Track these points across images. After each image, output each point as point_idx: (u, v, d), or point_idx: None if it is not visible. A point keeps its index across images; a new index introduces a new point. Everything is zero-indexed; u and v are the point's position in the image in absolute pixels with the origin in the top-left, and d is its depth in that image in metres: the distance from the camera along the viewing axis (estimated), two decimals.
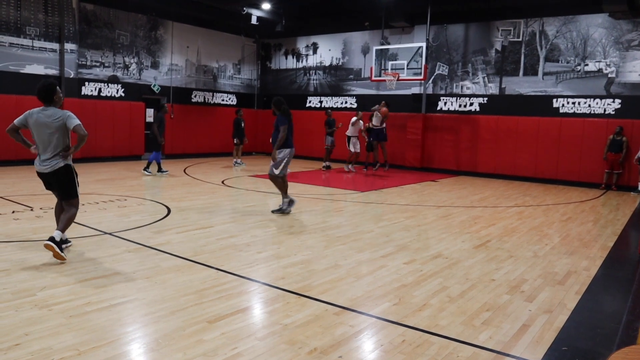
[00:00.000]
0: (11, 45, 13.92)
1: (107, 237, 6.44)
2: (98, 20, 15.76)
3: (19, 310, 4.03)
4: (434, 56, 16.60)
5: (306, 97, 19.91)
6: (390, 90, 16.55)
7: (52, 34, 14.73)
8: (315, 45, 19.74)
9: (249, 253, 5.98)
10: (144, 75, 17.09)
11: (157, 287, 4.66)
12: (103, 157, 15.70)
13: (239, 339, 3.68)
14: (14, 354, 3.33)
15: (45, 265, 5.19)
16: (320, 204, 9.65)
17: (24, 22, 14.13)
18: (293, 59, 20.38)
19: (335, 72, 19.17)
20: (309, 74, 19.95)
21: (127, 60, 16.58)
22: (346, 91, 18.89)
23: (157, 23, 17.34)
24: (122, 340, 3.66)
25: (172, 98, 17.89)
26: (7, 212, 7.73)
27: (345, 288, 4.85)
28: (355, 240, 6.83)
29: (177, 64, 18.07)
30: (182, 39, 18.12)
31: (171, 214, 8.08)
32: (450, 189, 12.54)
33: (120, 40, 16.35)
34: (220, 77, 19.76)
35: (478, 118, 15.78)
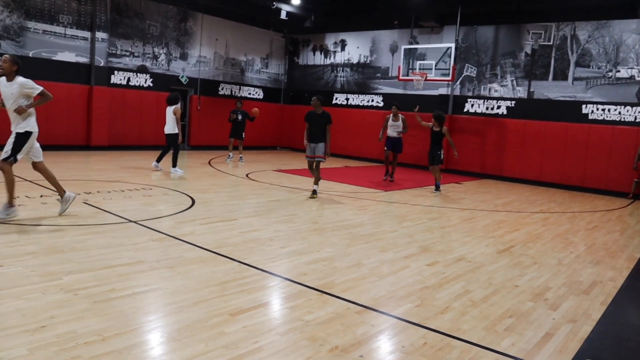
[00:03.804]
0: (44, 32, 14.17)
1: (132, 225, 6.52)
2: (129, 10, 15.94)
3: (46, 293, 4.10)
4: (462, 57, 16.43)
5: (333, 94, 19.88)
6: (417, 90, 16.44)
7: (84, 23, 14.94)
8: (344, 42, 19.69)
9: (272, 248, 5.99)
10: (172, 66, 17.25)
11: (180, 278, 4.70)
12: (130, 146, 15.89)
13: (260, 333, 3.69)
14: (40, 335, 3.39)
15: (72, 250, 5.27)
16: (344, 201, 9.64)
17: (58, 10, 14.36)
18: (321, 55, 20.36)
19: (363, 70, 19.10)
20: (336, 70, 19.92)
21: (156, 51, 16.74)
22: (373, 89, 18.81)
23: (187, 15, 17.47)
24: (145, 328, 3.70)
25: (200, 90, 18.02)
26: (35, 196, 7.88)
27: (367, 287, 4.83)
28: (378, 239, 6.80)
29: (205, 56, 18.20)
30: (211, 32, 18.23)
31: (195, 205, 8.15)
32: (475, 192, 12.41)
33: (150, 31, 16.51)
34: (247, 71, 19.84)
35: (505, 121, 15.58)
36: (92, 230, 6.18)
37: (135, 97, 16.06)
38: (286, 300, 4.37)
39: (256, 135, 19.74)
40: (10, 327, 3.48)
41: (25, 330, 3.45)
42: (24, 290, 4.12)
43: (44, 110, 14.06)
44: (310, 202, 9.17)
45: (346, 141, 19.02)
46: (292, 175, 12.69)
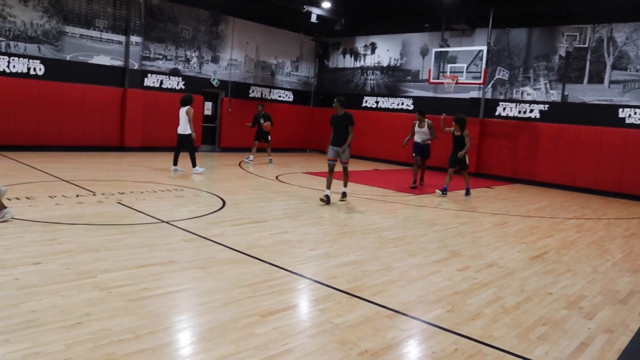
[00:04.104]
0: (81, 36, 14.51)
1: (164, 226, 6.62)
2: (163, 14, 16.21)
3: (81, 291, 4.19)
4: (494, 60, 16.22)
5: (362, 97, 19.85)
6: (448, 93, 16.30)
7: (119, 27, 15.25)
8: (374, 45, 19.65)
9: (301, 250, 6.01)
10: (204, 69, 17.47)
11: (211, 278, 4.75)
12: (162, 147, 16.13)
13: (290, 334, 3.70)
14: (76, 332, 3.47)
15: (106, 249, 5.38)
16: (373, 204, 9.60)
17: (94, 14, 14.70)
18: (351, 58, 20.35)
19: (393, 73, 19.03)
20: (366, 73, 19.88)
21: (188, 54, 16.98)
22: (403, 92, 18.71)
23: (219, 18, 17.68)
24: (177, 327, 3.76)
25: (230, 92, 18.21)
26: (71, 196, 8.06)
27: (397, 291, 4.81)
28: (408, 243, 6.76)
29: (236, 59, 18.38)
30: (242, 35, 18.41)
31: (226, 206, 8.23)
32: (506, 197, 12.23)
33: (182, 34, 16.76)
34: (278, 74, 19.96)
35: (538, 125, 15.31)
36: (126, 229, 6.30)
37: (168, 99, 16.30)
38: (316, 303, 4.38)
39: (286, 137, 19.84)
40: (48, 322, 3.57)
41: (62, 326, 3.53)
42: (61, 288, 4.22)
43: (79, 112, 14.43)
44: (339, 205, 9.17)
45: (375, 144, 18.97)
46: (321, 178, 12.69)
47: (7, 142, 13.28)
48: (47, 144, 13.95)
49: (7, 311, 3.70)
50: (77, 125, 14.47)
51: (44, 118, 13.87)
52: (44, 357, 3.11)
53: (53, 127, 14.02)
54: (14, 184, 8.73)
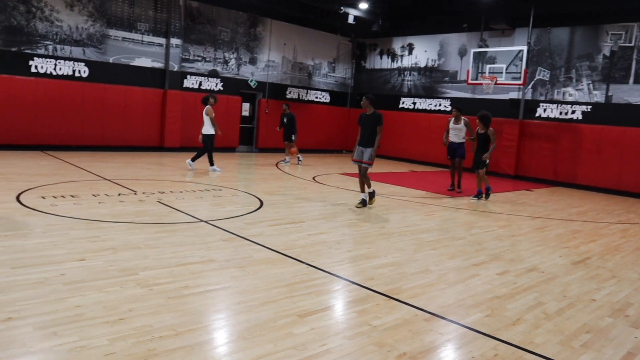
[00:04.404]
0: (123, 39, 14.87)
1: (203, 225, 6.72)
2: (202, 16, 16.47)
3: (124, 287, 4.30)
4: (534, 60, 15.88)
5: (399, 98, 19.73)
6: (487, 94, 16.04)
7: (160, 30, 15.57)
8: (411, 46, 19.51)
9: (339, 251, 6.02)
10: (242, 70, 17.67)
11: (249, 277, 4.80)
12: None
13: (327, 335, 3.71)
14: (119, 327, 3.56)
15: (147, 247, 5.50)
16: (411, 206, 9.53)
17: (136, 18, 15.05)
18: (388, 59, 20.26)
19: (430, 74, 18.85)
20: (403, 74, 19.76)
21: (226, 56, 17.21)
22: (441, 93, 18.52)
23: (257, 20, 17.85)
24: (216, 325, 3.81)
25: (268, 94, 18.36)
26: (114, 195, 8.26)
27: (435, 294, 4.76)
28: (446, 246, 6.68)
29: (273, 60, 18.52)
30: (279, 36, 18.54)
31: (263, 206, 8.30)
32: (547, 200, 11.95)
33: (221, 36, 16.99)
34: (315, 75, 20.02)
35: (580, 127, 14.91)
36: (166, 228, 6.43)
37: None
38: (353, 304, 4.37)
39: (323, 138, 19.89)
40: (92, 317, 3.67)
41: (105, 321, 3.63)
42: (104, 284, 4.33)
43: (121, 113, 14.79)
44: (376, 207, 9.12)
45: (413, 145, 18.83)
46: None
47: (53, 142, 13.72)
48: (90, 144, 14.35)
49: (54, 305, 3.83)
50: (119, 125, 14.84)
51: (87, 119, 14.26)
52: (88, 351, 3.20)
53: (96, 127, 14.41)
54: (59, 182, 9.01)
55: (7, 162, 10.99)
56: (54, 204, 7.27)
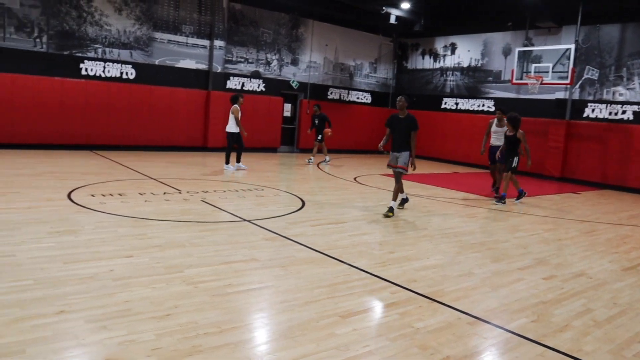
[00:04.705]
0: (169, 42, 15.22)
1: (246, 224, 6.81)
2: (245, 18, 16.68)
3: (170, 284, 4.40)
4: (582, 59, 15.42)
5: (441, 99, 19.51)
6: (532, 94, 15.68)
7: (204, 32, 15.85)
8: (454, 46, 19.25)
9: (381, 252, 6.00)
10: (284, 71, 17.81)
11: (291, 277, 4.84)
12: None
13: (370, 337, 3.70)
14: (165, 322, 3.65)
15: (192, 245, 5.61)
16: (453, 208, 9.41)
17: (181, 21, 15.37)
18: (430, 59, 20.05)
19: (474, 74, 18.55)
20: (445, 74, 19.52)
21: (269, 57, 17.38)
22: (484, 94, 18.21)
23: (299, 22, 17.96)
24: (259, 324, 3.86)
25: (309, 94, 18.45)
26: (159, 193, 8.46)
27: (479, 298, 4.69)
28: (489, 249, 6.57)
29: (315, 61, 18.60)
30: (321, 37, 18.60)
31: (305, 206, 8.35)
32: (595, 203, 11.60)
33: (263, 38, 17.17)
34: (356, 75, 20.00)
35: (631, 128, 14.39)
36: (210, 227, 6.54)
37: (249, 101, 16.72)
38: (396, 306, 4.34)
39: (364, 139, 19.83)
40: (140, 312, 3.77)
41: (152, 317, 3.72)
42: (151, 280, 4.45)
43: (166, 113, 15.13)
44: (418, 208, 9.05)
45: (455, 146, 18.59)
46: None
47: (102, 142, 14.16)
48: (137, 143, 14.73)
49: (104, 300, 3.95)
50: (164, 126, 15.18)
51: (134, 119, 14.65)
52: (136, 345, 3.29)
53: (142, 127, 14.78)
54: (108, 181, 9.29)
55: (59, 161, 11.41)
56: (103, 202, 7.49)
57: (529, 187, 13.49)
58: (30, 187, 8.25)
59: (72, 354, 3.16)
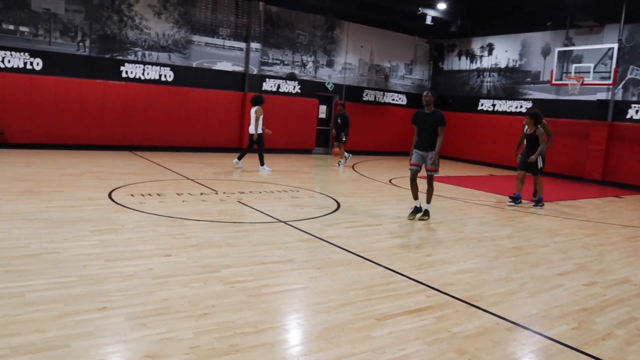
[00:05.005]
0: (206, 44, 15.46)
1: (281, 225, 6.85)
2: (280, 21, 16.81)
3: (207, 284, 4.46)
4: (626, 58, 14.98)
5: (478, 100, 19.24)
6: (572, 95, 15.31)
7: (240, 34, 16.04)
8: (491, 46, 18.96)
9: (417, 255, 5.95)
10: (319, 73, 17.87)
11: (327, 278, 4.84)
12: (278, 149, 16.72)
13: (406, 340, 3.67)
14: (203, 321, 3.70)
15: (228, 245, 5.68)
16: (490, 211, 9.27)
17: (218, 24, 15.59)
18: (466, 60, 19.80)
19: (511, 75, 18.24)
20: (482, 75, 19.24)
21: (304, 59, 17.47)
22: (522, 95, 17.87)
23: (334, 23, 17.99)
24: (295, 324, 3.87)
25: (345, 96, 18.46)
26: (196, 194, 8.59)
27: (517, 303, 4.60)
28: (528, 253, 6.44)
29: (350, 63, 18.60)
30: (356, 39, 18.59)
31: (340, 208, 8.35)
32: (638, 207, 11.24)
33: (299, 40, 17.27)
34: (391, 77, 19.92)
35: None
36: (246, 227, 6.61)
37: (284, 103, 16.87)
38: (432, 310, 4.30)
39: (399, 141, 19.71)
40: (178, 311, 3.84)
41: (190, 315, 3.78)
42: (189, 279, 4.52)
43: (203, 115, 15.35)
44: (455, 211, 8.94)
45: (492, 149, 18.30)
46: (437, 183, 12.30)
47: (141, 143, 14.48)
48: (174, 144, 15.00)
49: (143, 297, 4.03)
50: (201, 127, 15.42)
51: (172, 121, 14.93)
52: (175, 343, 3.35)
53: (180, 129, 15.05)
54: (146, 181, 9.49)
55: (100, 162, 11.71)
56: (142, 201, 7.65)
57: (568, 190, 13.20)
58: (73, 187, 8.49)
59: (114, 350, 3.24)
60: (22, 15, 12.77)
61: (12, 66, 12.77)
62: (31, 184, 8.43)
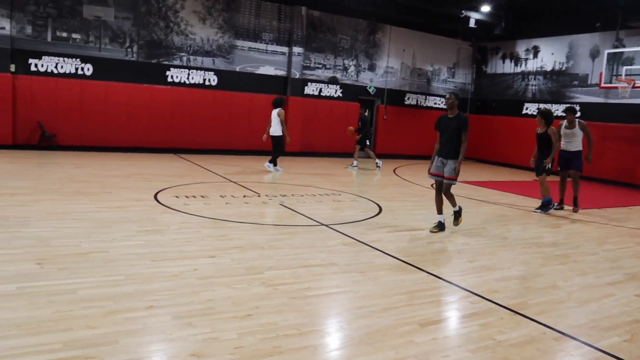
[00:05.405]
0: (250, 49, 15.68)
1: (323, 229, 6.88)
2: (322, 25, 16.89)
3: (250, 285, 4.51)
4: None
5: (522, 104, 18.83)
6: (622, 98, 14.81)
7: (283, 39, 16.20)
8: (537, 49, 18.54)
9: (460, 261, 5.87)
10: (361, 76, 17.86)
11: (370, 283, 4.83)
12: (319, 153, 16.80)
13: (450, 347, 3.63)
14: (246, 322, 3.75)
15: (271, 248, 5.74)
16: (534, 217, 9.06)
17: (261, 29, 15.79)
18: (511, 63, 19.42)
19: (557, 78, 17.78)
20: (527, 79, 18.83)
21: (346, 63, 17.49)
22: (569, 98, 17.39)
23: (376, 27, 17.96)
24: (338, 328, 3.88)
25: (386, 100, 18.39)
26: (239, 196, 8.71)
27: (565, 312, 4.48)
28: (575, 261, 6.26)
29: (392, 66, 18.52)
30: (398, 43, 18.49)
31: (382, 212, 8.32)
32: None
33: (341, 44, 17.31)
34: (433, 80, 19.72)
35: None
36: (288, 230, 6.66)
37: (326, 106, 16.94)
38: (476, 317, 4.24)
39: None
40: (222, 312, 3.90)
41: (234, 316, 3.84)
42: (233, 280, 4.59)
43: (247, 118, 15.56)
44: (497, 217, 8.78)
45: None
46: (479, 188, 12.28)
47: (185, 146, 14.79)
48: (218, 147, 15.26)
49: (189, 297, 4.12)
50: (244, 130, 15.64)
51: (216, 124, 15.20)
52: (220, 343, 3.40)
53: (223, 132, 15.31)
54: (190, 183, 9.68)
55: (146, 164, 12.02)
56: (187, 203, 7.81)
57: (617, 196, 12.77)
58: (121, 188, 8.74)
59: (161, 348, 3.33)
60: (74, 23, 13.25)
61: (65, 72, 13.26)
62: (81, 185, 8.72)
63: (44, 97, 13.06)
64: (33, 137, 13.09)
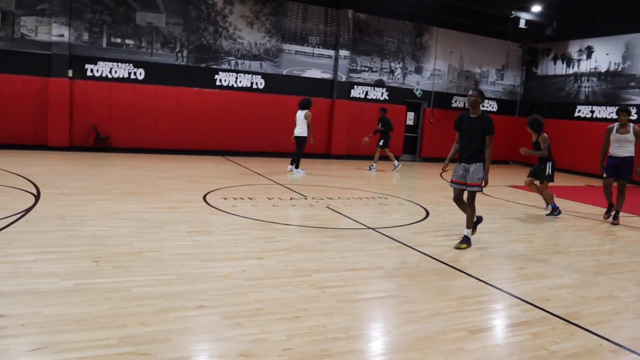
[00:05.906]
0: (296, 52, 15.82)
1: (370, 232, 6.86)
2: (369, 28, 16.86)
3: (298, 287, 4.54)
4: None
5: (575, 106, 18.26)
6: None
7: (329, 42, 16.26)
8: (590, 49, 17.95)
9: (510, 267, 5.74)
10: (407, 79, 17.73)
11: (417, 288, 4.79)
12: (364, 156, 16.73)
13: (501, 356, 3.55)
14: (295, 324, 3.77)
15: (318, 250, 5.75)
16: (588, 224, 8.76)
17: (308, 32, 15.90)
18: (562, 65, 18.87)
19: (612, 79, 17.16)
20: (580, 80, 18.25)
21: (392, 65, 17.40)
22: (624, 100, 16.76)
23: (423, 29, 17.79)
24: (385, 332, 3.85)
25: (433, 102, 18.19)
26: (286, 199, 8.79)
27: (622, 324, 4.31)
28: (632, 271, 6.02)
29: (439, 69, 18.30)
30: (445, 45, 18.27)
31: (429, 216, 8.23)
32: None
33: (387, 47, 17.23)
34: (482, 83, 19.37)
35: None
36: (335, 233, 6.67)
37: (372, 110, 16.86)
38: (528, 326, 4.13)
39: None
40: (270, 313, 3.94)
41: (282, 318, 3.87)
42: (280, 282, 4.62)
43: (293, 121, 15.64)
44: (548, 222, 8.54)
45: (588, 158, 17.26)
46: (527, 192, 11.97)
47: (232, 148, 15.04)
48: (264, 150, 15.45)
49: (238, 298, 4.18)
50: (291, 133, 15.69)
51: (263, 127, 15.39)
52: (268, 344, 3.44)
53: (270, 135, 15.48)
54: (238, 185, 9.83)
55: (195, 166, 12.28)
56: (235, 205, 7.93)
57: None
58: (171, 189, 8.96)
59: (211, 347, 3.39)
60: (128, 29, 13.69)
61: (119, 76, 13.71)
62: (133, 186, 8.99)
63: (98, 101, 13.54)
64: (88, 139, 13.58)
